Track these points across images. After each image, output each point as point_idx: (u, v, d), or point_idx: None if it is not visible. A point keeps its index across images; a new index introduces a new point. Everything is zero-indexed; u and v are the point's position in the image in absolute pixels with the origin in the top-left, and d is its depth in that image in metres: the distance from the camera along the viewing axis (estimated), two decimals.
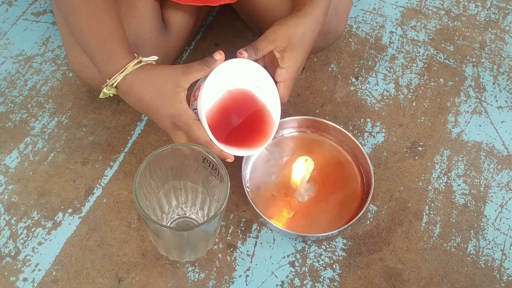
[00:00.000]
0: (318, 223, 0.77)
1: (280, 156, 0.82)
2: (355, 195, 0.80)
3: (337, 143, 0.84)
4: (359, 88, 0.93)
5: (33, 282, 0.70)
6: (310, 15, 0.73)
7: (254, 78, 0.72)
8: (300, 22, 0.72)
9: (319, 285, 0.72)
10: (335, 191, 0.80)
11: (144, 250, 0.73)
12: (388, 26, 1.03)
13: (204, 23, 0.99)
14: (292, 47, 0.71)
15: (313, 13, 0.73)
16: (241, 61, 0.69)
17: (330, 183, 0.80)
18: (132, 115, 0.85)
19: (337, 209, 0.78)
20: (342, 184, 0.81)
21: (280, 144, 0.84)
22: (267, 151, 0.82)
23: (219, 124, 0.70)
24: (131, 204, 0.77)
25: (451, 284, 0.74)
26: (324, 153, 0.83)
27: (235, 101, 0.72)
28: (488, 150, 0.87)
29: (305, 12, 0.73)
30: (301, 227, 0.76)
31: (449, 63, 0.98)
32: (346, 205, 0.78)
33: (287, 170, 0.79)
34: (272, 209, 0.77)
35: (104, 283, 0.70)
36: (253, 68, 0.70)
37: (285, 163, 0.81)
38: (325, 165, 0.82)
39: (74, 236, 0.74)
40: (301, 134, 0.85)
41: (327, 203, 0.78)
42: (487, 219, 0.80)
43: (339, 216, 0.77)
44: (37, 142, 0.82)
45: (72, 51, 0.76)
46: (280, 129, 0.83)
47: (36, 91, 0.87)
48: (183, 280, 0.71)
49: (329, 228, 0.75)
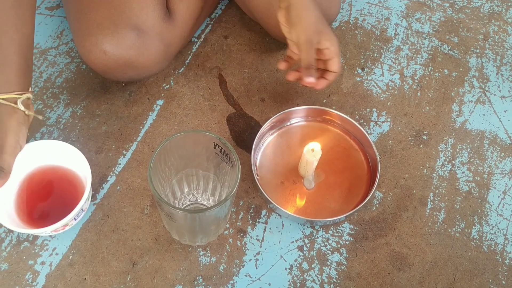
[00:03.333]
0: (326, 209, 0.79)
1: (288, 144, 0.84)
2: (361, 182, 0.82)
3: (343, 131, 0.86)
4: (365, 78, 0.95)
5: (50, 265, 0.72)
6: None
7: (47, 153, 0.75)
8: (306, 9, 0.72)
9: (327, 268, 0.75)
10: (342, 178, 0.82)
11: (157, 235, 0.75)
12: (393, 19, 1.05)
13: (214, 16, 1.01)
14: (320, 31, 0.72)
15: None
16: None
17: (337, 170, 0.82)
18: (144, 106, 0.88)
19: (344, 196, 0.80)
20: (348, 171, 0.83)
21: (288, 133, 0.86)
22: (277, 139, 0.84)
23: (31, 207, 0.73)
24: (144, 191, 0.79)
25: (455, 268, 0.76)
26: (331, 141, 0.85)
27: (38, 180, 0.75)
28: (492, 138, 0.89)
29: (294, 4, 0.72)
30: (309, 213, 0.78)
31: (453, 54, 1.00)
32: (353, 191, 0.80)
33: (296, 158, 0.82)
34: (280, 196, 0.80)
35: (119, 266, 0.73)
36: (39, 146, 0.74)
37: (293, 152, 0.83)
38: (332, 153, 0.84)
39: (90, 221, 0.76)
40: (308, 123, 0.87)
41: (334, 190, 0.81)
42: (490, 205, 0.82)
43: (345, 202, 0.79)
44: (53, 132, 0.84)
45: (77, 36, 0.78)
46: (288, 118, 0.86)
47: (51, 82, 0.90)
48: (195, 263, 0.74)
49: (336, 214, 0.77)
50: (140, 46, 0.76)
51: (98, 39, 0.74)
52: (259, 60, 0.95)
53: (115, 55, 0.75)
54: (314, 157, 0.76)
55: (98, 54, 0.75)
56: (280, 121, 0.85)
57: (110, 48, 0.75)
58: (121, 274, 0.72)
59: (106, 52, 0.75)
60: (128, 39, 0.75)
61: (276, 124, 0.85)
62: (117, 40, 0.75)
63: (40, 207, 0.73)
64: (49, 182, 0.75)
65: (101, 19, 0.75)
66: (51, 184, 0.75)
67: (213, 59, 0.95)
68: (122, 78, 0.81)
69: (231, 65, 0.94)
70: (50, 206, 0.74)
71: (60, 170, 0.76)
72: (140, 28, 0.78)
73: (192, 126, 0.86)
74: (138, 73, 0.80)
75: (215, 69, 0.93)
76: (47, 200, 0.74)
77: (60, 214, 0.68)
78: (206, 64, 0.94)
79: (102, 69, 0.77)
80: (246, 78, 0.93)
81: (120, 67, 0.77)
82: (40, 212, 0.73)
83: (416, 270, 0.75)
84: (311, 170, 0.79)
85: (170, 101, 0.89)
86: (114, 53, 0.75)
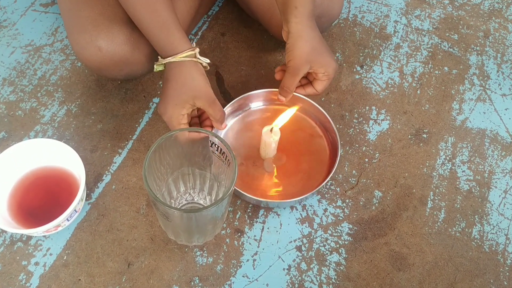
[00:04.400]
0: (283, 192, 0.78)
1: (249, 128, 0.84)
2: (322, 168, 0.80)
3: (309, 117, 0.85)
4: (364, 76, 0.94)
5: (44, 266, 0.71)
6: (300, 25, 0.74)
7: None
8: (300, 39, 0.74)
9: (326, 269, 0.73)
10: (302, 163, 0.81)
11: (153, 235, 0.74)
12: (393, 16, 1.04)
13: (211, 12, 1.00)
14: (312, 60, 0.75)
15: (301, 22, 0.74)
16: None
17: (299, 154, 0.81)
18: (140, 103, 0.86)
19: (304, 180, 0.79)
20: (310, 156, 0.81)
21: (249, 117, 0.85)
22: (239, 122, 0.84)
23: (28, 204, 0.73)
24: (140, 190, 0.78)
25: (455, 268, 0.75)
26: (294, 125, 0.84)
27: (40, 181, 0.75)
28: (492, 137, 0.88)
29: (295, 28, 0.74)
30: (265, 194, 0.77)
31: (453, 52, 0.99)
32: (312, 176, 0.79)
33: (257, 141, 0.81)
34: (239, 177, 0.78)
35: (114, 267, 0.72)
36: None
37: (254, 134, 0.82)
38: (295, 137, 0.83)
39: (84, 221, 0.75)
40: (273, 107, 0.86)
41: (293, 174, 0.80)
42: (491, 204, 0.81)
43: (304, 186, 0.78)
44: (47, 130, 0.83)
45: (71, 33, 0.77)
46: (249, 102, 0.85)
47: (45, 80, 0.88)
48: (192, 264, 0.72)
49: (293, 197, 0.75)
50: (135, 41, 0.75)
51: (92, 35, 0.73)
52: (256, 58, 0.94)
53: (109, 51, 0.74)
54: (273, 138, 0.75)
55: (93, 51, 0.74)
56: (244, 105, 0.85)
57: (105, 44, 0.73)
58: (117, 274, 0.71)
59: (101, 48, 0.73)
60: (122, 34, 0.74)
61: (240, 107, 0.85)
62: (112, 36, 0.74)
63: (34, 207, 0.72)
64: (43, 181, 0.74)
65: (95, 16, 0.74)
66: (45, 184, 0.74)
67: (210, 56, 0.94)
68: (118, 76, 0.80)
69: (228, 62, 0.93)
70: (43, 206, 0.73)
71: (54, 170, 0.75)
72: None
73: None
74: (134, 70, 0.79)
75: (212, 67, 0.92)
76: (41, 200, 0.73)
77: (54, 214, 0.67)
78: None
79: (98, 66, 0.76)
80: (243, 76, 0.91)
81: (116, 63, 0.76)
82: (34, 212, 0.72)
83: (416, 271, 0.74)
84: (271, 151, 0.78)
85: None
86: (109, 50, 0.74)
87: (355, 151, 0.84)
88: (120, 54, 0.75)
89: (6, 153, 0.71)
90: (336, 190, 0.80)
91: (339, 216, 0.78)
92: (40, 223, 0.67)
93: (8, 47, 0.92)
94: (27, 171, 0.74)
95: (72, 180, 0.74)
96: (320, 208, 0.78)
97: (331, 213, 0.78)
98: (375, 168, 0.83)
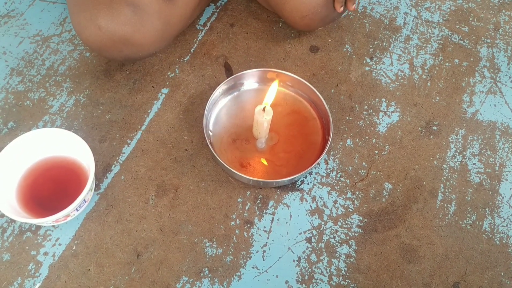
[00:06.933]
0: (274, 172, 0.78)
1: (243, 107, 0.84)
2: (314, 150, 0.80)
3: (305, 99, 0.85)
4: (374, 68, 0.93)
5: (53, 256, 0.71)
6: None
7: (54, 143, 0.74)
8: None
9: (336, 260, 0.73)
10: (295, 144, 0.81)
11: (162, 225, 0.74)
12: (403, 7, 1.03)
13: (219, 3, 0.99)
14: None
15: None
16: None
17: (292, 135, 0.82)
18: (149, 94, 0.86)
19: (295, 161, 0.79)
20: (303, 138, 0.81)
21: (242, 96, 0.86)
22: (233, 101, 0.85)
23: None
24: (149, 181, 0.78)
25: (466, 261, 0.74)
26: (289, 106, 0.84)
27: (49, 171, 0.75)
28: (503, 129, 0.87)
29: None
30: (256, 174, 0.78)
31: (463, 44, 0.98)
32: (304, 158, 0.79)
33: (250, 120, 0.81)
34: (230, 155, 0.79)
35: (123, 257, 0.71)
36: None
37: (247, 114, 0.83)
38: (290, 118, 0.83)
39: (93, 211, 0.75)
40: (264, 87, 0.87)
41: (285, 154, 0.80)
42: (502, 197, 0.80)
43: (295, 167, 0.78)
44: (56, 120, 0.83)
45: (73, 14, 0.76)
46: (241, 80, 0.85)
47: (53, 70, 0.88)
48: (201, 255, 0.72)
49: (283, 177, 0.76)
50: (136, 22, 0.74)
51: (92, 14, 0.72)
52: (266, 49, 0.93)
53: (109, 30, 0.73)
54: (265, 117, 0.75)
55: (93, 30, 0.73)
56: (238, 84, 0.85)
57: (105, 23, 0.73)
58: (126, 265, 0.71)
59: (101, 27, 0.73)
60: (123, 14, 0.73)
61: (234, 86, 0.85)
62: (112, 15, 0.73)
63: (43, 196, 0.72)
64: (52, 171, 0.74)
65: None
66: (54, 173, 0.74)
67: (219, 47, 0.93)
68: (118, 57, 0.79)
69: (237, 53, 0.93)
70: (52, 195, 0.72)
71: (63, 159, 0.74)
72: (136, 4, 0.75)
73: (198, 115, 0.84)
74: (134, 52, 0.78)
75: (221, 58, 0.92)
76: (50, 190, 0.73)
77: (63, 204, 0.67)
78: (212, 53, 0.92)
79: (98, 46, 0.75)
80: (252, 67, 0.91)
81: (115, 43, 0.75)
82: (42, 202, 0.71)
83: (427, 263, 0.74)
84: (263, 131, 0.78)
85: (175, 90, 0.87)
86: (109, 29, 0.73)
87: (365, 143, 0.84)
88: (120, 34, 0.74)
89: (15, 143, 0.71)
90: (346, 182, 0.80)
91: (349, 208, 0.77)
92: (49, 213, 0.67)
93: (16, 37, 0.92)
94: (36, 161, 0.74)
95: (81, 170, 0.74)
96: (330, 200, 0.78)
97: (341, 205, 0.78)
98: (385, 160, 0.82)
